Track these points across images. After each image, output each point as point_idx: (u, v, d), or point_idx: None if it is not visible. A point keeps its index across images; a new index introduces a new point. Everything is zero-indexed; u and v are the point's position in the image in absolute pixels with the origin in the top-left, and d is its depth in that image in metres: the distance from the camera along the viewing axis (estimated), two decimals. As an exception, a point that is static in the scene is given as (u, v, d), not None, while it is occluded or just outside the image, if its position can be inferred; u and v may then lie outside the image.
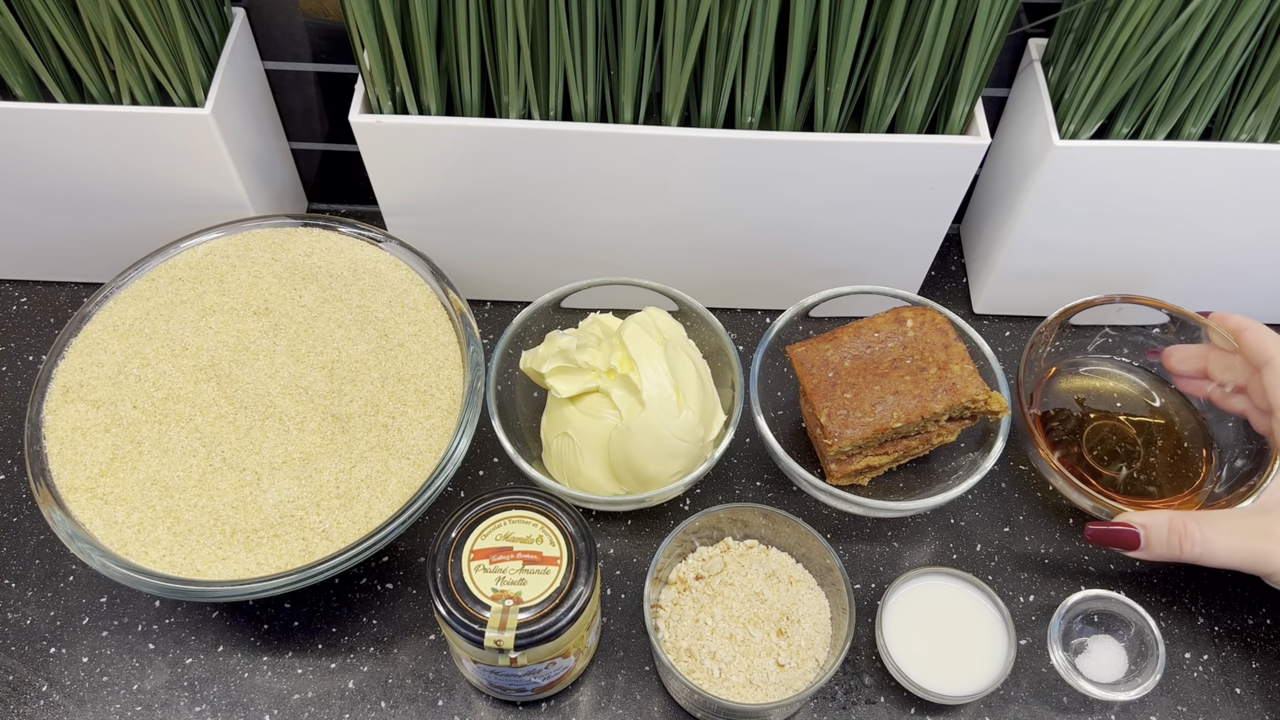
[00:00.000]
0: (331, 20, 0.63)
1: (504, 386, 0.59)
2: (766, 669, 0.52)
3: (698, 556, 0.55)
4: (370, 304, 0.58)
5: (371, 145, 0.57)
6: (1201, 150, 0.57)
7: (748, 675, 0.51)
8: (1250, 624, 0.57)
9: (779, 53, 0.55)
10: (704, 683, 0.51)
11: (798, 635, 0.52)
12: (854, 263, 0.65)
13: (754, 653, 0.52)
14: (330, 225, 0.61)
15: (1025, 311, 0.70)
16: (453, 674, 0.55)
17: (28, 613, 0.57)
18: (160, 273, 0.59)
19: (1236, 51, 0.53)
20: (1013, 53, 0.63)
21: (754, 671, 0.51)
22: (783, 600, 0.54)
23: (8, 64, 0.56)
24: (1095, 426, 0.61)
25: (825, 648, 0.53)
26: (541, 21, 0.53)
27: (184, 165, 0.60)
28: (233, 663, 0.55)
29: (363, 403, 0.54)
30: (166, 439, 0.53)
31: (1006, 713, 0.55)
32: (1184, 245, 0.63)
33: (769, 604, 0.53)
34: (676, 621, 0.53)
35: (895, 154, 0.57)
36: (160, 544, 0.50)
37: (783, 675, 0.52)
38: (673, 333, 0.58)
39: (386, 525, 0.50)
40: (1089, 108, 0.56)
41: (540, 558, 0.48)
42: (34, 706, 0.54)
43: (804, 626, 0.53)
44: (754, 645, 0.52)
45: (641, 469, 0.55)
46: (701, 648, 0.52)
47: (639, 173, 0.58)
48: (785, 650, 0.52)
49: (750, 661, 0.52)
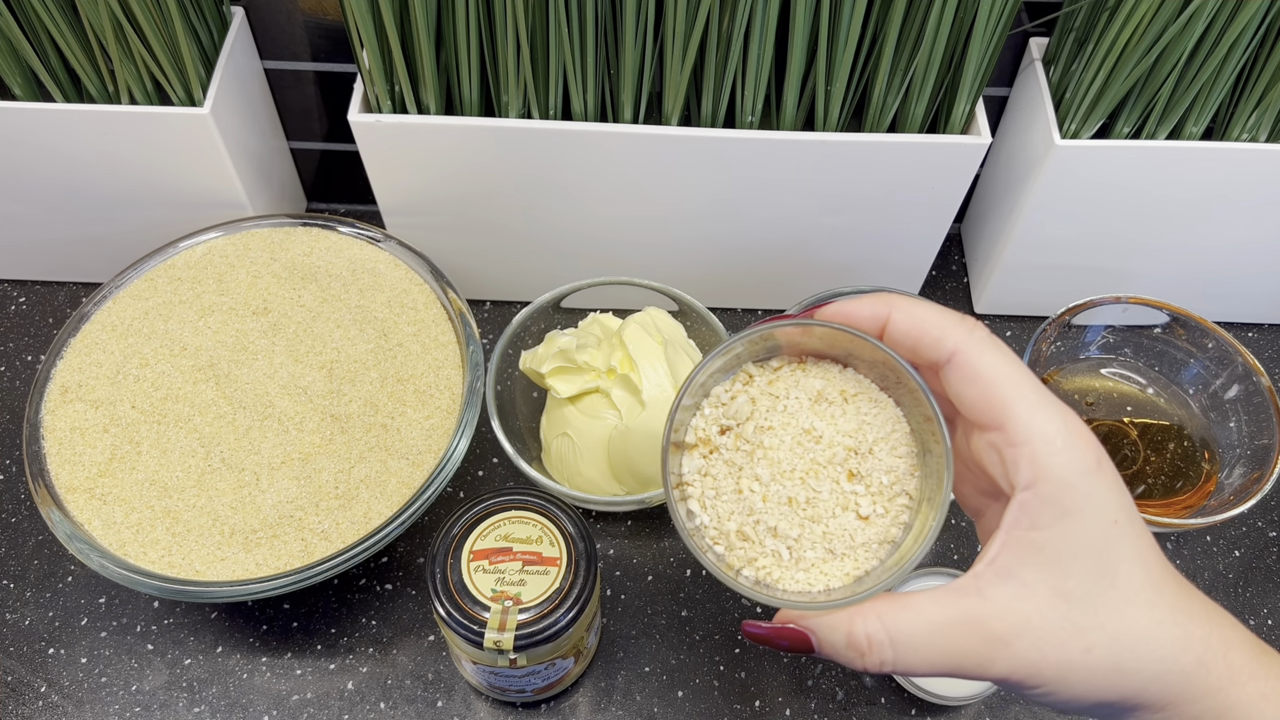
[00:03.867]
0: (331, 19, 0.62)
1: (503, 386, 0.59)
2: (848, 529, 0.37)
3: (714, 402, 0.40)
4: (369, 304, 0.58)
5: (371, 145, 0.57)
6: (1202, 150, 0.56)
7: (826, 545, 0.37)
8: (1251, 625, 0.57)
9: (779, 52, 0.55)
10: (775, 574, 0.37)
11: (875, 470, 0.38)
12: (854, 262, 0.65)
13: (824, 515, 0.38)
14: (329, 225, 0.61)
15: (1026, 311, 0.69)
16: (452, 675, 0.55)
17: (26, 613, 0.57)
18: (159, 272, 0.59)
19: (1237, 51, 0.53)
20: (1014, 52, 0.63)
21: (832, 539, 0.37)
22: (842, 428, 0.38)
23: (6, 63, 0.56)
24: (1096, 427, 0.61)
25: (913, 475, 0.38)
26: (541, 21, 0.53)
27: (183, 165, 0.60)
28: (231, 663, 0.55)
29: (362, 403, 0.54)
30: (165, 439, 0.53)
31: (1007, 713, 0.55)
32: (1185, 245, 0.63)
33: (825, 440, 0.38)
34: (712, 499, 0.39)
35: (896, 154, 0.57)
36: (159, 544, 0.50)
37: (871, 530, 0.37)
38: (673, 333, 0.58)
39: (386, 526, 0.50)
40: (1090, 107, 0.56)
41: (540, 558, 0.47)
42: (33, 707, 0.54)
43: (880, 456, 0.38)
44: (821, 504, 0.38)
45: (641, 469, 0.55)
46: (756, 525, 0.38)
47: (639, 173, 0.58)
48: (864, 496, 0.38)
49: (824, 527, 0.37)
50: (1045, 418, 0.32)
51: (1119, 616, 0.32)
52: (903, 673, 0.34)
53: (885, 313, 0.36)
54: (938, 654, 0.33)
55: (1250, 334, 0.69)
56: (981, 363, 0.33)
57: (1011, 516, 0.33)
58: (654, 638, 0.57)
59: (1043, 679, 0.32)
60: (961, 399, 0.34)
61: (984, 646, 0.32)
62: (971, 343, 0.34)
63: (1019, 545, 0.32)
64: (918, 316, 0.35)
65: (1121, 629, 0.32)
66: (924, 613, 0.33)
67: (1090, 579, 0.32)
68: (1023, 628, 0.32)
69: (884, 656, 0.34)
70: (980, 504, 0.38)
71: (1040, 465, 0.32)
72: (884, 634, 0.33)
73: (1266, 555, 0.60)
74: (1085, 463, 0.32)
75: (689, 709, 0.54)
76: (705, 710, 0.54)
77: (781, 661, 0.56)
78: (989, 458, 0.34)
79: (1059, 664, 0.32)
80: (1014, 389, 0.33)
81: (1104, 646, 0.32)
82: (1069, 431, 0.32)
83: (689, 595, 0.58)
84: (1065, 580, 0.32)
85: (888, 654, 0.33)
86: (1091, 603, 0.32)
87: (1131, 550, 0.32)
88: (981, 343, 0.34)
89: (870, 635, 0.34)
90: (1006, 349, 0.34)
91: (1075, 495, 0.32)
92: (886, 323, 0.36)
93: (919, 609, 0.33)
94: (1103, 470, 0.32)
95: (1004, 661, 0.32)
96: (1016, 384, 0.33)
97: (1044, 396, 0.33)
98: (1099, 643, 0.32)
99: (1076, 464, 0.32)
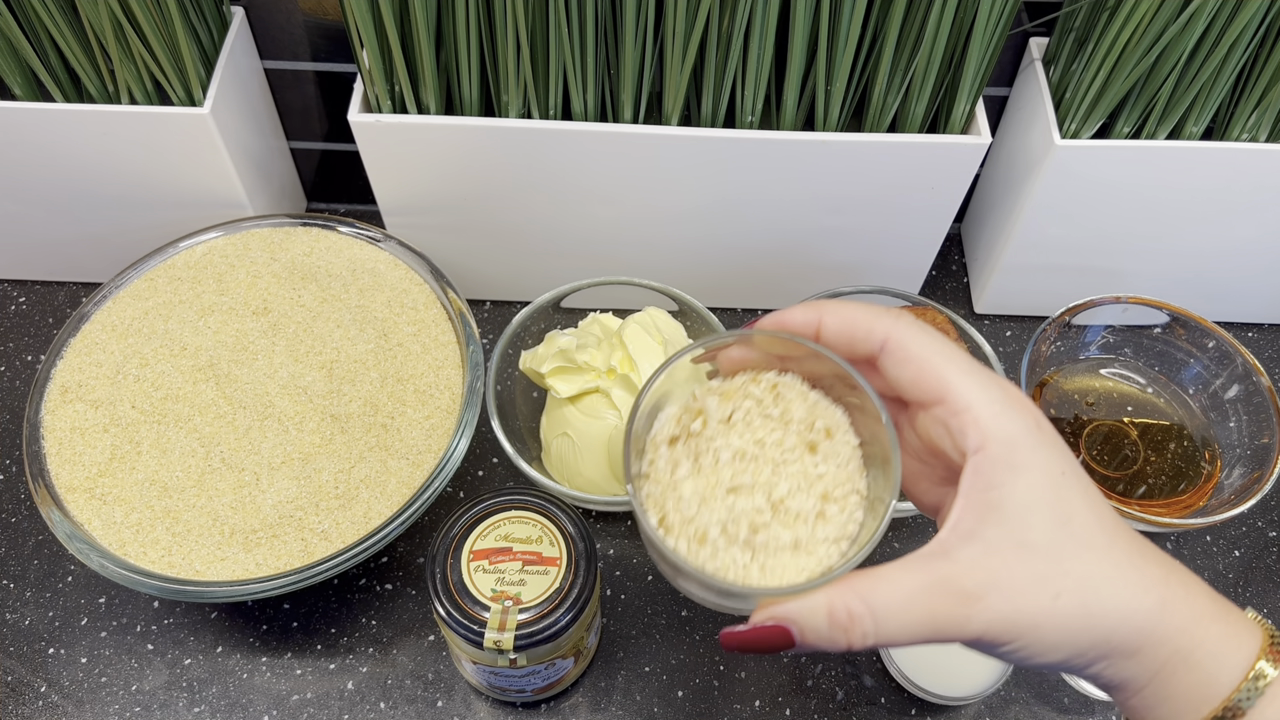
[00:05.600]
0: (331, 19, 0.62)
1: (503, 386, 0.59)
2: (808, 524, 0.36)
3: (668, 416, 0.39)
4: (369, 304, 0.58)
5: (371, 144, 0.57)
6: (1202, 150, 0.56)
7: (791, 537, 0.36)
8: (1251, 625, 0.57)
9: (779, 52, 0.55)
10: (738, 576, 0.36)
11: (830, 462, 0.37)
12: (854, 262, 0.65)
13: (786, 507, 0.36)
14: (329, 225, 0.61)
15: (1026, 311, 0.69)
16: (452, 675, 0.55)
17: (26, 613, 0.57)
18: (159, 272, 0.59)
19: (1237, 51, 0.53)
20: (1014, 52, 0.63)
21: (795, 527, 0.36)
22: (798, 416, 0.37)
23: (6, 63, 0.56)
24: (1096, 427, 0.61)
25: (862, 475, 0.37)
26: (541, 21, 0.53)
27: (183, 165, 0.60)
28: (231, 663, 0.55)
29: (362, 403, 0.54)
30: (165, 439, 0.53)
31: (1007, 713, 0.55)
32: (1185, 245, 0.63)
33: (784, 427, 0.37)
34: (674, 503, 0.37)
35: (896, 153, 0.57)
36: (159, 544, 0.50)
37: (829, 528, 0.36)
38: (673, 333, 0.58)
39: (385, 526, 0.50)
40: (1090, 107, 0.56)
41: (540, 558, 0.47)
42: (33, 707, 0.54)
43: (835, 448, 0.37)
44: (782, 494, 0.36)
45: (641, 469, 0.55)
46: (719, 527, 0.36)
47: (639, 172, 0.58)
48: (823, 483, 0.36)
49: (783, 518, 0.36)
50: (981, 383, 0.34)
51: (1081, 562, 0.33)
52: (884, 643, 0.34)
53: (816, 318, 0.37)
54: (915, 619, 0.33)
55: (1250, 334, 0.69)
56: (913, 345, 0.35)
57: (968, 481, 0.34)
58: (654, 638, 0.57)
59: (1017, 631, 0.33)
60: (900, 382, 0.35)
61: (958, 605, 0.33)
62: (900, 327, 0.35)
63: (978, 506, 0.33)
64: (847, 315, 0.36)
65: (1084, 574, 0.33)
66: (897, 581, 0.33)
67: (1049, 529, 0.33)
68: (992, 582, 0.33)
69: (865, 628, 0.34)
70: (937, 497, 0.38)
71: (984, 427, 0.33)
72: (863, 605, 0.34)
73: (1266, 555, 0.60)
74: (1026, 422, 0.34)
75: (689, 709, 0.54)
76: (705, 710, 0.54)
77: (781, 661, 0.56)
78: (937, 432, 0.35)
79: (1031, 613, 0.33)
80: (947, 361, 0.34)
81: (1070, 593, 0.33)
82: (1006, 395, 0.34)
83: (689, 595, 0.58)
84: (1027, 533, 0.33)
85: (868, 625, 0.34)
86: (1053, 551, 0.33)
87: (1082, 500, 0.33)
88: (909, 326, 0.35)
89: (850, 609, 0.34)
90: (936, 333, 0.36)
91: (1023, 452, 0.33)
92: (819, 328, 0.37)
93: (891, 578, 0.34)
94: (1043, 429, 0.34)
95: (978, 617, 0.33)
96: (949, 357, 0.34)
97: (977, 368, 0.35)
98: (1065, 589, 0.33)
99: (1018, 423, 0.33)
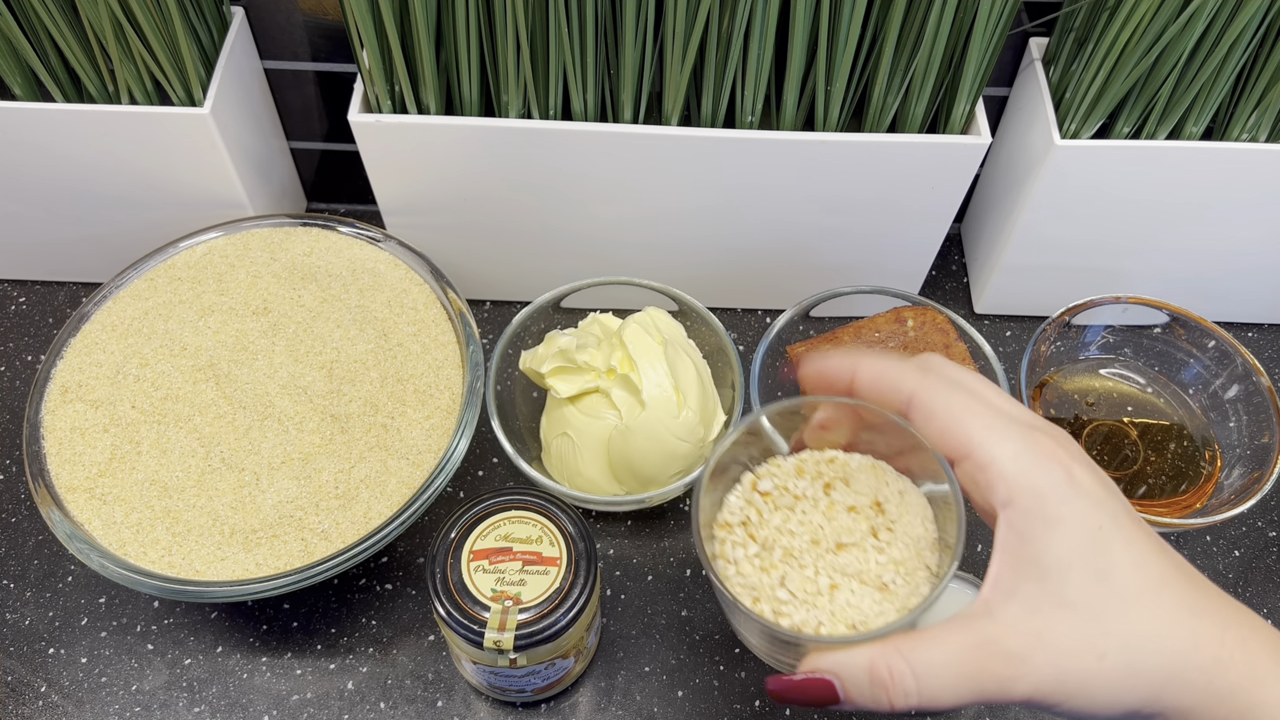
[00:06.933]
0: (331, 19, 0.62)
1: (503, 386, 0.59)
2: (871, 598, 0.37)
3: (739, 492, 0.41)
4: (369, 304, 0.58)
5: (371, 145, 0.57)
6: (1202, 150, 0.56)
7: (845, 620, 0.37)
8: (1251, 625, 0.57)
9: (779, 52, 0.55)
10: None
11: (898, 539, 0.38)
12: (854, 262, 0.65)
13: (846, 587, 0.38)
14: (329, 225, 0.61)
15: (1026, 311, 0.69)
16: (452, 675, 0.55)
17: (26, 613, 0.57)
18: (159, 272, 0.59)
19: (1237, 51, 0.53)
20: (1013, 52, 0.63)
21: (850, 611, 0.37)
22: (863, 493, 0.39)
23: (6, 63, 0.56)
24: (1096, 427, 0.61)
25: (934, 550, 0.38)
26: (541, 21, 0.53)
27: (183, 165, 0.60)
28: (231, 663, 0.55)
29: (362, 403, 0.54)
30: (165, 439, 0.53)
31: (1007, 713, 0.55)
32: (1185, 245, 0.63)
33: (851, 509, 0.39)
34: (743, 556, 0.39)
35: (896, 154, 0.57)
36: (159, 544, 0.50)
37: (890, 602, 0.37)
38: (673, 333, 0.58)
39: (386, 526, 0.50)
40: (1090, 107, 0.56)
41: (540, 558, 0.47)
42: (33, 707, 0.54)
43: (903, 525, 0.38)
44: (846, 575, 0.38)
45: (641, 469, 0.55)
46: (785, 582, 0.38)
47: (639, 173, 0.58)
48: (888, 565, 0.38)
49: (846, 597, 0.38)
50: (1004, 436, 0.34)
51: (1123, 620, 0.32)
52: (929, 704, 0.34)
53: (850, 369, 0.38)
54: (960, 679, 0.33)
55: (1250, 334, 0.69)
56: (936, 401, 0.35)
57: (1002, 535, 0.34)
58: (654, 638, 0.57)
59: (1065, 693, 0.32)
60: (929, 438, 0.36)
61: (1003, 666, 0.33)
62: (925, 384, 0.36)
63: (1016, 561, 0.33)
64: (878, 370, 0.37)
65: (1128, 632, 0.32)
66: (941, 641, 0.33)
67: (1087, 585, 0.32)
68: (1036, 643, 0.32)
69: (907, 687, 0.33)
70: None
71: (1010, 480, 0.33)
72: (905, 665, 0.34)
73: (1266, 555, 0.60)
74: (1055, 474, 0.33)
75: (689, 709, 0.54)
76: (705, 710, 0.54)
77: (781, 661, 0.56)
78: (971, 487, 0.35)
79: (1078, 674, 0.32)
80: (971, 417, 0.34)
81: (1115, 653, 0.32)
82: (1034, 447, 0.34)
83: (689, 595, 0.58)
84: (1065, 590, 0.32)
85: (910, 684, 0.33)
86: (1094, 609, 0.32)
87: (1124, 554, 0.33)
88: (935, 382, 0.36)
89: (892, 668, 0.34)
90: (963, 381, 0.36)
91: (1053, 505, 0.33)
92: (853, 380, 0.38)
93: (935, 637, 0.34)
94: (1075, 481, 0.33)
95: (1025, 679, 0.32)
96: (974, 412, 0.35)
97: (1003, 419, 0.34)
98: (1110, 649, 0.32)
99: (1047, 475, 0.33)
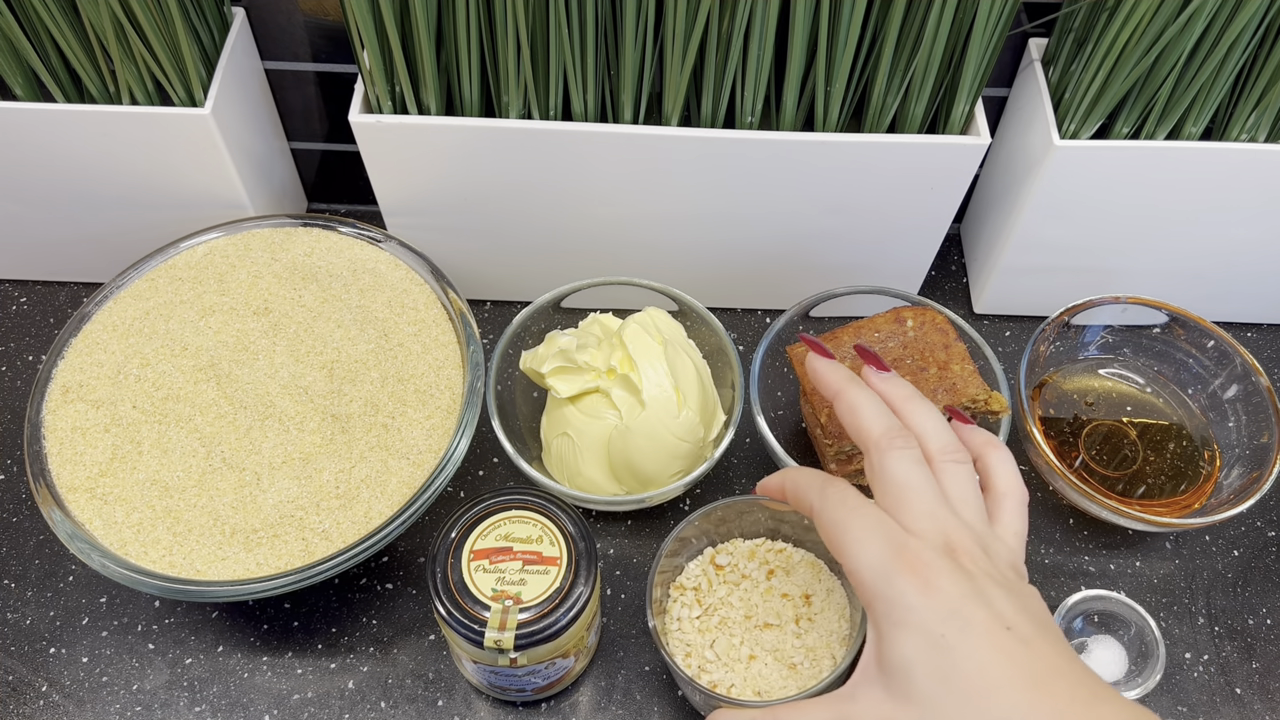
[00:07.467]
0: (331, 20, 0.62)
1: (504, 386, 0.59)
2: (779, 675, 0.51)
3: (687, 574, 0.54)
4: (370, 304, 0.58)
5: (371, 145, 0.57)
6: (1202, 150, 0.56)
7: (753, 688, 0.50)
8: (1250, 624, 0.57)
9: (779, 53, 0.55)
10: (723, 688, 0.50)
11: (817, 628, 0.51)
12: (854, 262, 0.65)
13: (762, 661, 0.51)
14: (330, 225, 0.61)
15: (1026, 311, 0.69)
16: (452, 674, 0.55)
17: (27, 613, 0.57)
18: (160, 273, 0.59)
19: (1237, 51, 0.53)
20: (1013, 52, 0.63)
21: (759, 681, 0.50)
22: (795, 585, 0.52)
23: (7, 64, 0.56)
24: (1095, 427, 0.61)
25: (844, 644, 0.51)
26: (541, 21, 0.53)
27: (184, 165, 0.60)
28: (232, 663, 0.55)
29: (362, 403, 0.54)
30: (166, 439, 0.53)
31: (1007, 713, 0.55)
32: (1184, 245, 0.63)
33: (781, 597, 0.52)
34: (687, 625, 0.53)
35: (895, 154, 0.57)
36: (160, 544, 0.50)
37: (795, 679, 0.50)
38: (673, 333, 0.58)
39: (386, 525, 0.50)
40: (1089, 107, 0.56)
41: (540, 558, 0.47)
42: (34, 706, 0.54)
43: (822, 618, 0.51)
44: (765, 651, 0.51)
45: (641, 469, 0.55)
46: (713, 648, 0.52)
47: (639, 173, 0.58)
48: (800, 650, 0.51)
49: (760, 666, 0.51)
50: (866, 550, 0.39)
51: (960, 716, 0.36)
52: None
53: (781, 483, 0.45)
54: None
55: (1250, 334, 0.69)
56: (825, 516, 0.41)
57: (869, 630, 0.39)
58: (654, 637, 0.57)
59: None
60: (826, 543, 0.42)
61: None
62: (821, 500, 0.42)
63: (874, 655, 0.39)
64: (793, 483, 0.44)
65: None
66: (809, 713, 0.40)
67: (930, 685, 0.36)
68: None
69: None
70: None
71: (866, 587, 0.39)
72: None
73: (1266, 555, 0.60)
74: (907, 585, 0.38)
75: (689, 709, 0.54)
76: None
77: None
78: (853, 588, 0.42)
79: None
80: (844, 532, 0.40)
81: None
82: (895, 559, 0.38)
83: (689, 595, 0.58)
84: (909, 686, 0.37)
85: None
86: (934, 705, 0.36)
87: (967, 660, 0.36)
88: (826, 500, 0.42)
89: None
90: (850, 498, 0.41)
91: (899, 612, 0.37)
92: (783, 485, 0.45)
93: (806, 710, 0.40)
94: (932, 591, 0.37)
95: None
96: (846, 528, 0.40)
97: (877, 533, 0.39)
98: None
99: (896, 586, 0.38)
